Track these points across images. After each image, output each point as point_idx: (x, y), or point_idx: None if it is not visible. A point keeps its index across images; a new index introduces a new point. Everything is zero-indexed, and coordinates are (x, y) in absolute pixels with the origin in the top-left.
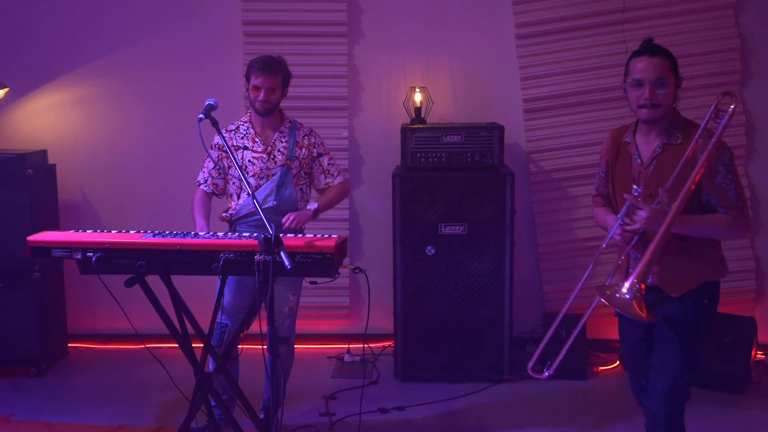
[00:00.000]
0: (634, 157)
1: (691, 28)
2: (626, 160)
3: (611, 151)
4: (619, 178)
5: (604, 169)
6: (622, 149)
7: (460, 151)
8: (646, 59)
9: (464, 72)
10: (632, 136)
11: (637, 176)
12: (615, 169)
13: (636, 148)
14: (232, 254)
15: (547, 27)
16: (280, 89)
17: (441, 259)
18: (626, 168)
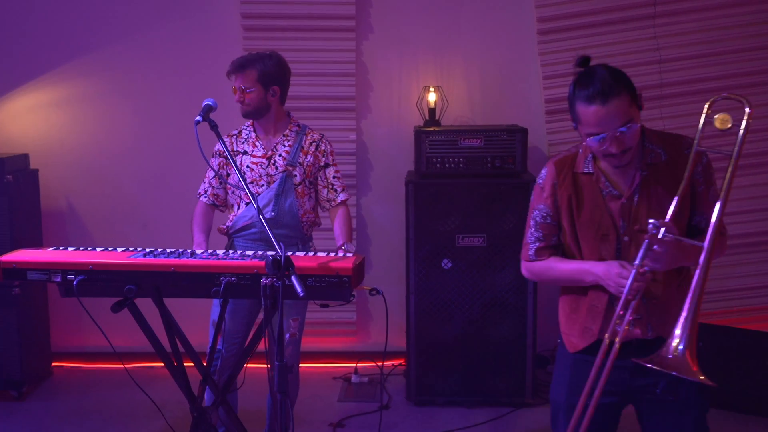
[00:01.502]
0: (606, 191)
1: (727, 24)
2: (593, 196)
3: (561, 186)
4: (586, 220)
5: (550, 213)
6: (580, 183)
7: (479, 156)
8: (598, 109)
9: (481, 70)
10: (593, 164)
11: (618, 213)
12: (577, 209)
13: (605, 178)
14: (235, 277)
15: (572, 22)
16: (259, 88)
17: (458, 273)
18: (596, 206)
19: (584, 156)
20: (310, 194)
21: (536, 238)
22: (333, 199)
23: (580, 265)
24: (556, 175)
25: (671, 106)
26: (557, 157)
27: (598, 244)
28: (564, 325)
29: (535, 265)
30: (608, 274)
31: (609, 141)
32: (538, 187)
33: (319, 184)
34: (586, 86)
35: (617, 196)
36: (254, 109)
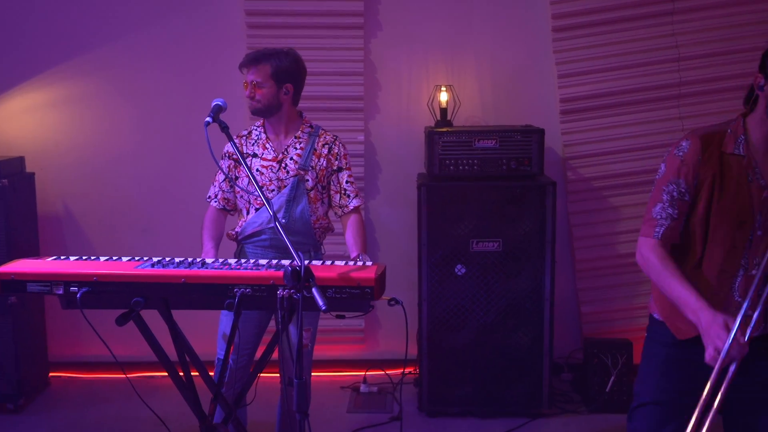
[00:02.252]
0: (752, 177)
1: (749, 20)
2: (738, 179)
3: (706, 163)
4: (727, 204)
5: (689, 190)
6: (727, 163)
7: (495, 158)
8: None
9: (493, 69)
10: (745, 146)
11: (759, 204)
12: (719, 191)
13: (754, 164)
14: (249, 288)
15: (588, 18)
16: (272, 84)
17: (472, 279)
18: (740, 191)
19: (734, 137)
20: (322, 199)
21: (669, 215)
22: (345, 206)
23: (690, 299)
24: (701, 151)
25: (690, 105)
26: (702, 132)
27: (733, 231)
28: (668, 310)
29: (654, 256)
30: (708, 331)
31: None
32: (677, 159)
33: (331, 189)
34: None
35: (763, 186)
36: (264, 107)
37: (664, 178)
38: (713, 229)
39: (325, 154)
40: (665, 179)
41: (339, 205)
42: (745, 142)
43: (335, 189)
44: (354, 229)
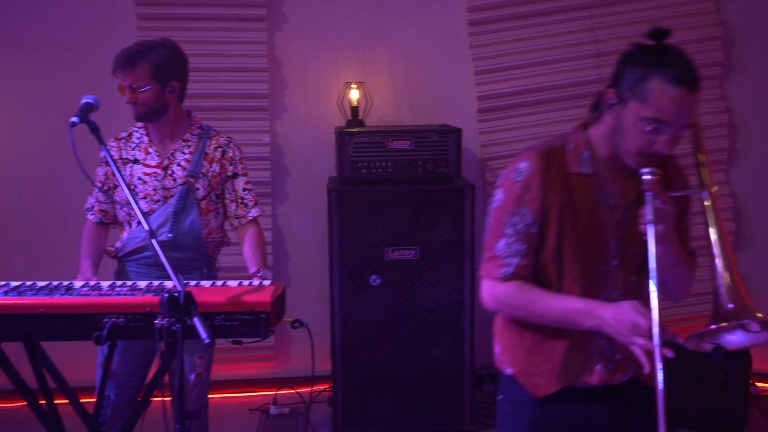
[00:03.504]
0: (600, 200)
1: (667, 14)
2: (588, 204)
3: (550, 187)
4: (579, 234)
5: (537, 220)
6: (573, 186)
7: (410, 160)
8: (684, 94)
9: (407, 65)
10: (590, 164)
11: (612, 229)
12: (570, 219)
13: (602, 184)
14: (122, 317)
15: (504, 12)
16: (154, 85)
17: (388, 289)
18: (591, 217)
19: (577, 153)
20: (216, 210)
21: (517, 251)
22: (243, 216)
23: (579, 304)
24: (544, 172)
25: None
26: (539, 149)
27: (589, 265)
28: (522, 363)
29: (509, 291)
30: (619, 319)
31: (668, 138)
32: (517, 184)
33: (226, 197)
34: (675, 64)
35: (613, 208)
36: (151, 110)
37: (504, 208)
38: (567, 264)
39: (218, 158)
40: (505, 209)
41: (236, 216)
42: (590, 158)
43: (231, 198)
44: (252, 243)
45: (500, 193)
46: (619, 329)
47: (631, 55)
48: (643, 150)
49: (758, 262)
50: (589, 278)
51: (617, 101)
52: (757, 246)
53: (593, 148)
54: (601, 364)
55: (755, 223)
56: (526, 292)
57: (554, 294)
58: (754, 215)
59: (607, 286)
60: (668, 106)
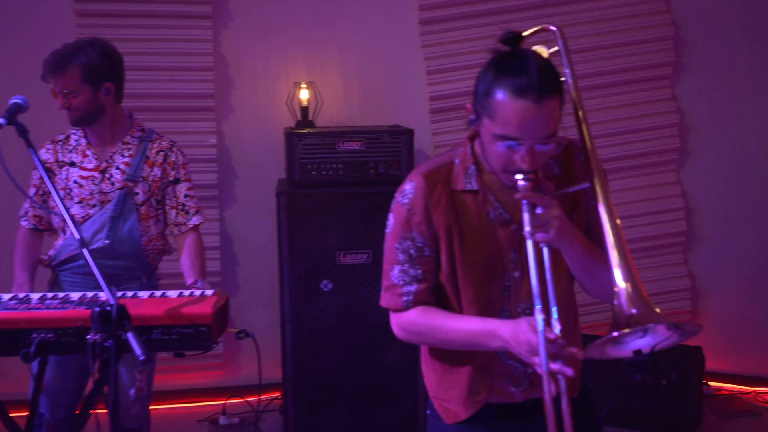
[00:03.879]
0: (494, 214)
1: (619, 14)
2: (479, 220)
3: (436, 208)
4: (472, 254)
5: (428, 243)
6: (462, 204)
7: (361, 161)
8: (528, 107)
9: (359, 64)
10: (477, 179)
11: (508, 242)
12: (459, 240)
13: (493, 197)
14: (52, 333)
15: (456, 10)
16: (86, 88)
17: (341, 294)
18: (483, 235)
19: (464, 168)
20: (157, 216)
21: (413, 277)
22: (183, 224)
23: (481, 325)
24: (428, 193)
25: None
26: (425, 168)
27: (486, 284)
28: (435, 389)
29: (412, 318)
30: (517, 340)
31: (524, 154)
32: (403, 208)
33: (167, 203)
34: (517, 73)
35: (507, 221)
36: (85, 114)
37: (394, 233)
38: (462, 284)
39: (159, 162)
40: (396, 235)
41: (175, 223)
42: (477, 172)
43: (171, 204)
44: (191, 252)
45: (391, 218)
46: (518, 350)
47: (484, 66)
48: (504, 166)
49: (709, 261)
50: (488, 297)
51: (475, 117)
52: (708, 246)
53: (479, 161)
54: (513, 386)
55: (706, 222)
56: (429, 317)
57: (457, 316)
58: (705, 215)
59: (511, 302)
60: (513, 120)
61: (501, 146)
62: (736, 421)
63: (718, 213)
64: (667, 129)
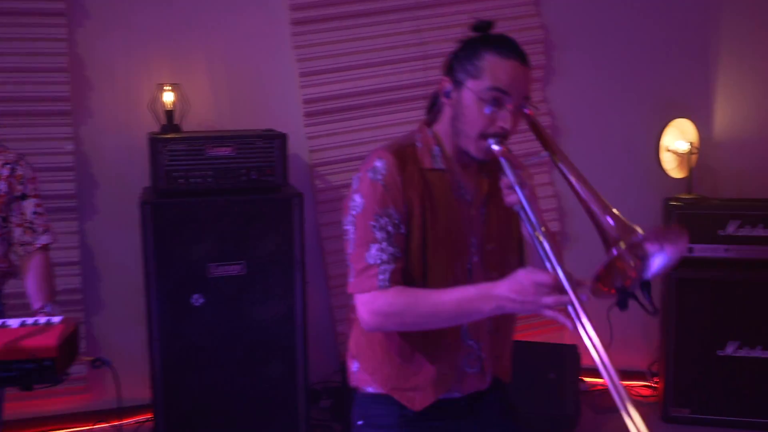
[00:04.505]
0: (457, 194)
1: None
2: (447, 200)
3: (410, 184)
4: (441, 231)
5: (398, 218)
6: (431, 182)
7: (232, 168)
8: (517, 65)
9: (228, 65)
10: (443, 159)
11: (469, 225)
12: (431, 216)
13: (456, 179)
14: None
15: (328, 11)
16: None
17: (213, 309)
18: (450, 213)
19: (428, 149)
20: (1, 235)
21: (391, 255)
22: (30, 243)
23: (472, 290)
24: (401, 169)
25: None
26: (391, 146)
27: (452, 262)
28: (394, 379)
29: (391, 298)
30: (521, 288)
31: (510, 111)
32: (377, 183)
33: (12, 221)
34: (504, 40)
35: (469, 203)
36: None
37: (368, 211)
38: (432, 263)
39: (5, 176)
40: (370, 212)
41: (21, 242)
42: (441, 154)
43: (18, 221)
44: (38, 274)
45: (359, 198)
46: (523, 298)
47: (461, 43)
48: (484, 129)
49: (583, 260)
50: (455, 277)
51: (453, 87)
52: (580, 245)
53: (442, 144)
54: (472, 367)
55: (578, 222)
56: (410, 294)
57: (439, 290)
58: (577, 215)
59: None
60: (503, 74)
61: (489, 104)
62: (611, 415)
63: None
64: None
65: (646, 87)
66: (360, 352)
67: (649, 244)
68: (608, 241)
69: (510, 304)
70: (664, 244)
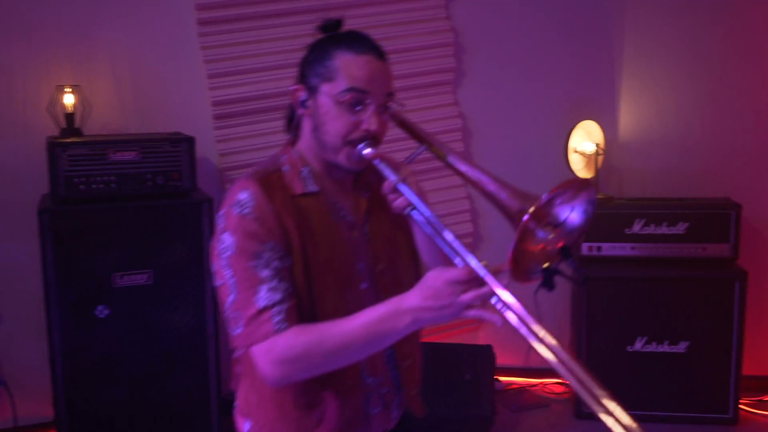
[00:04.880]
0: (337, 216)
1: (401, 20)
2: (326, 225)
3: (280, 214)
4: (326, 260)
5: (281, 251)
6: (304, 209)
7: (137, 173)
8: (372, 59)
9: (132, 66)
10: (314, 181)
11: (354, 248)
12: (312, 246)
13: (333, 200)
14: None
15: (235, 11)
16: None
17: (120, 320)
18: (332, 239)
19: (296, 173)
20: None
21: (284, 292)
22: None
23: (379, 310)
24: (268, 198)
25: None
26: (252, 175)
27: (343, 292)
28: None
29: (291, 341)
30: (434, 291)
31: (372, 113)
32: (247, 219)
33: None
34: (354, 36)
35: (350, 224)
36: None
37: (244, 251)
38: (318, 297)
39: None
40: (247, 251)
41: None
42: (311, 175)
43: None
44: None
45: (229, 237)
46: (440, 303)
47: (310, 46)
48: (348, 134)
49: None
50: (346, 308)
51: (307, 95)
52: (494, 246)
53: (310, 164)
54: (375, 407)
55: (491, 224)
56: (312, 331)
57: (342, 319)
58: (490, 217)
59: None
60: (359, 72)
61: (349, 106)
62: (526, 413)
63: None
64: (451, 134)
65: (554, 90)
66: (252, 413)
67: (556, 206)
68: (513, 216)
69: (427, 313)
70: (571, 200)
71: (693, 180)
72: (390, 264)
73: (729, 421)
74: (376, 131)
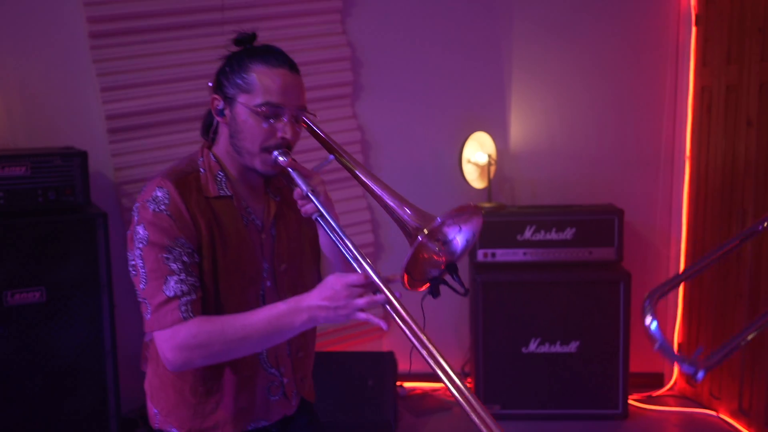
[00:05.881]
0: (247, 219)
1: (298, 34)
2: (236, 226)
3: (194, 214)
4: (232, 260)
5: (191, 247)
6: (218, 210)
7: (27, 188)
8: (287, 73)
9: (21, 79)
10: (228, 185)
11: (260, 249)
12: (221, 246)
13: (245, 204)
14: None
15: (127, 24)
16: None
17: (12, 340)
18: (241, 241)
19: (212, 176)
20: None
21: (192, 285)
22: None
23: (279, 307)
24: (185, 198)
25: None
26: (171, 174)
27: (246, 290)
28: (190, 421)
29: (194, 329)
30: (333, 293)
31: (286, 122)
32: (162, 215)
33: None
34: (268, 50)
35: (259, 228)
36: None
37: (156, 244)
38: (223, 294)
39: None
40: (159, 245)
41: None
42: (226, 179)
43: None
44: None
45: (143, 230)
46: (335, 304)
47: (226, 58)
48: (265, 143)
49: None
50: (248, 305)
51: (225, 104)
52: (394, 256)
53: (225, 168)
54: (275, 394)
55: (391, 234)
56: (215, 322)
57: (244, 313)
58: (390, 227)
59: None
60: (274, 86)
61: (261, 120)
62: (429, 418)
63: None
64: (350, 146)
65: (448, 102)
66: (157, 397)
67: (448, 227)
68: (410, 231)
69: (322, 312)
70: (461, 224)
71: (579, 188)
72: (292, 264)
73: (619, 416)
74: (291, 140)
